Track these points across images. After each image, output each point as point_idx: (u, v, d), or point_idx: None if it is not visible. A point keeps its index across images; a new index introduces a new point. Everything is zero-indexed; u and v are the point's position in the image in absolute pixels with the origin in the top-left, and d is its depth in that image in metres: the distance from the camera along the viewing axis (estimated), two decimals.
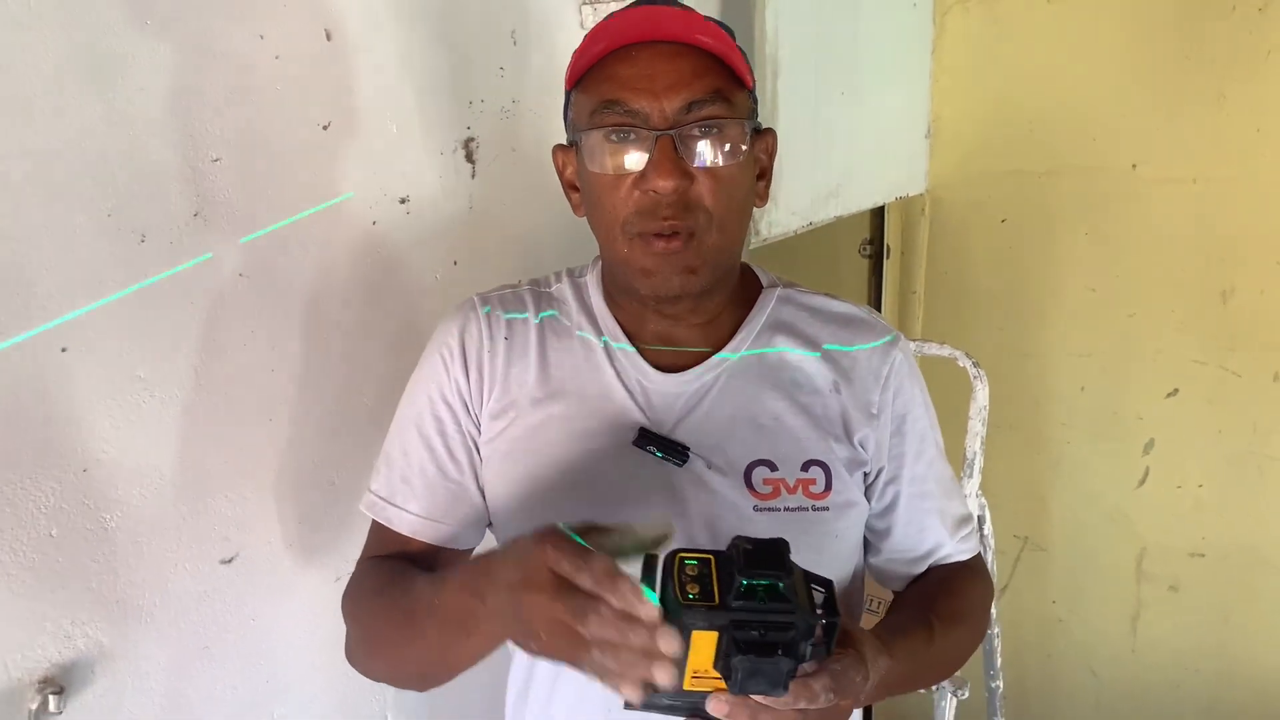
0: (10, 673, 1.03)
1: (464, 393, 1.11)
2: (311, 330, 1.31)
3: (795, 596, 0.75)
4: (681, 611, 0.74)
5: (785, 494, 1.07)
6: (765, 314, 1.14)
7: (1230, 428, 2.76)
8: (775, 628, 0.74)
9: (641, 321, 1.11)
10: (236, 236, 1.19)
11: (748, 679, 0.75)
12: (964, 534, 1.18)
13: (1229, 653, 2.87)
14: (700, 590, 0.75)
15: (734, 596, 0.74)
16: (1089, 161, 2.78)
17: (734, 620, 0.74)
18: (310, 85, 1.25)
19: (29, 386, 1.02)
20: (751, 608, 0.74)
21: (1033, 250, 2.90)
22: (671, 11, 1.00)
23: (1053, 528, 3.03)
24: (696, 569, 0.77)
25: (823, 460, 1.09)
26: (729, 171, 1.00)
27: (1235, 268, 2.68)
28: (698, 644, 0.74)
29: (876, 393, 1.11)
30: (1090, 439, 2.93)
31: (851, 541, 1.14)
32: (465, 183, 1.49)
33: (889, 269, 3.09)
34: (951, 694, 1.80)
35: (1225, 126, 2.62)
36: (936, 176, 3.00)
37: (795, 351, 1.12)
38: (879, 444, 1.12)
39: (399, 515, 1.11)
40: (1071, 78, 2.76)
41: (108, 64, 1.04)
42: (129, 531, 1.13)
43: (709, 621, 0.74)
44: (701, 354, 1.11)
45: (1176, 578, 2.91)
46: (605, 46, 0.99)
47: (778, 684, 0.75)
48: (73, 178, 1.03)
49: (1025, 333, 2.95)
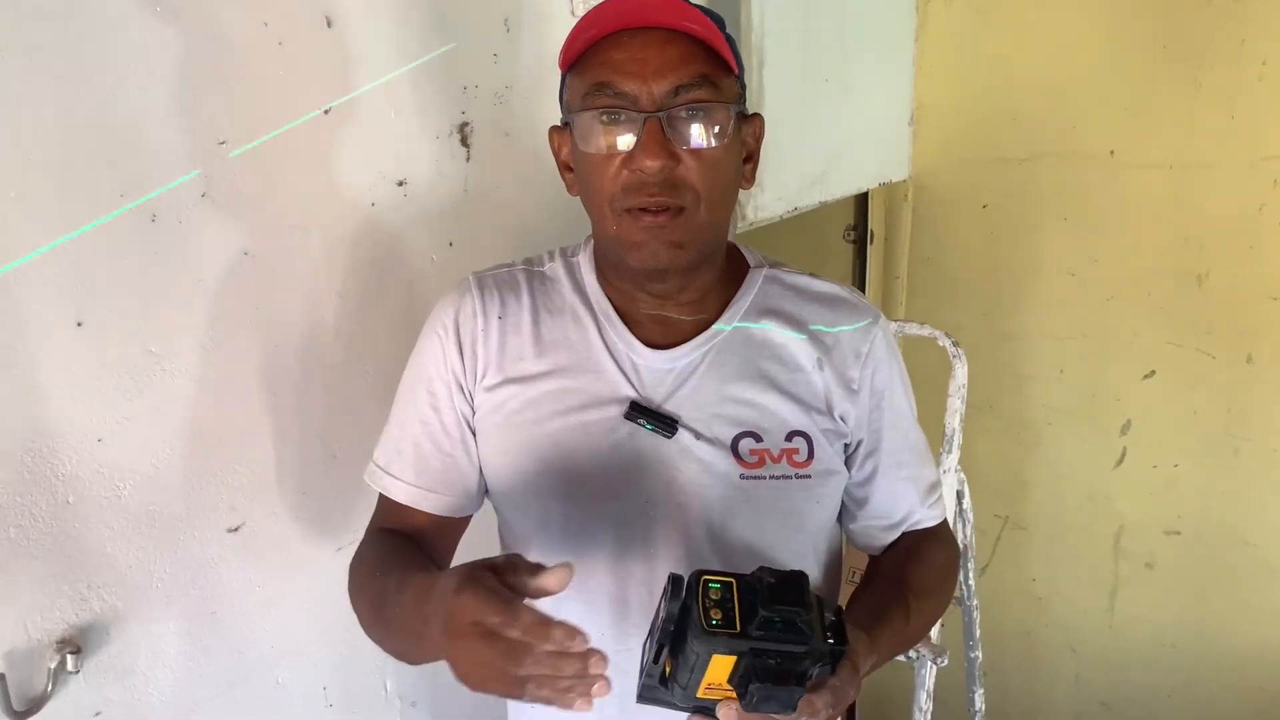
0: (30, 633, 1.08)
1: (457, 370, 1.16)
2: (314, 308, 1.35)
3: (811, 630, 0.82)
4: (706, 638, 0.80)
5: (770, 463, 1.12)
6: (752, 293, 1.19)
7: (1206, 409, 2.83)
8: (791, 658, 0.81)
9: (632, 299, 1.16)
10: (243, 216, 1.24)
11: (762, 702, 0.82)
12: (934, 500, 1.25)
13: (1205, 628, 2.94)
14: (723, 616, 0.82)
15: (755, 627, 0.81)
16: (1068, 148, 2.84)
17: (754, 649, 0.81)
18: (312, 70, 1.30)
19: (47, 360, 1.06)
20: (771, 638, 0.81)
21: (1013, 235, 2.96)
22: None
23: (1032, 507, 3.10)
24: (719, 593, 0.84)
25: (805, 431, 1.14)
26: (714, 153, 1.05)
27: (1210, 252, 2.74)
28: (716, 664, 0.82)
29: (857, 369, 1.17)
30: (1069, 420, 2.99)
31: (831, 506, 1.20)
32: (460, 166, 1.54)
33: (873, 254, 3.15)
34: (931, 662, 1.86)
35: (1201, 113, 2.68)
36: (919, 163, 3.06)
37: (781, 329, 1.17)
38: (858, 418, 1.18)
39: (394, 484, 1.17)
40: (1052, 66, 2.81)
41: (118, 51, 1.09)
42: (141, 499, 1.17)
43: (730, 648, 0.81)
44: (690, 331, 1.16)
45: (1153, 555, 2.97)
46: (598, 31, 1.03)
47: (789, 707, 0.82)
48: (84, 161, 1.07)
49: (1006, 316, 3.01)
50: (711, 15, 1.08)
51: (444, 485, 1.16)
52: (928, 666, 1.87)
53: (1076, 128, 2.82)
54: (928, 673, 1.88)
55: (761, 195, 2.28)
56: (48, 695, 1.09)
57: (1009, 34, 2.85)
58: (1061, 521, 3.07)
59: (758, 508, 1.12)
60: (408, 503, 1.15)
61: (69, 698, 1.12)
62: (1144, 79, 2.72)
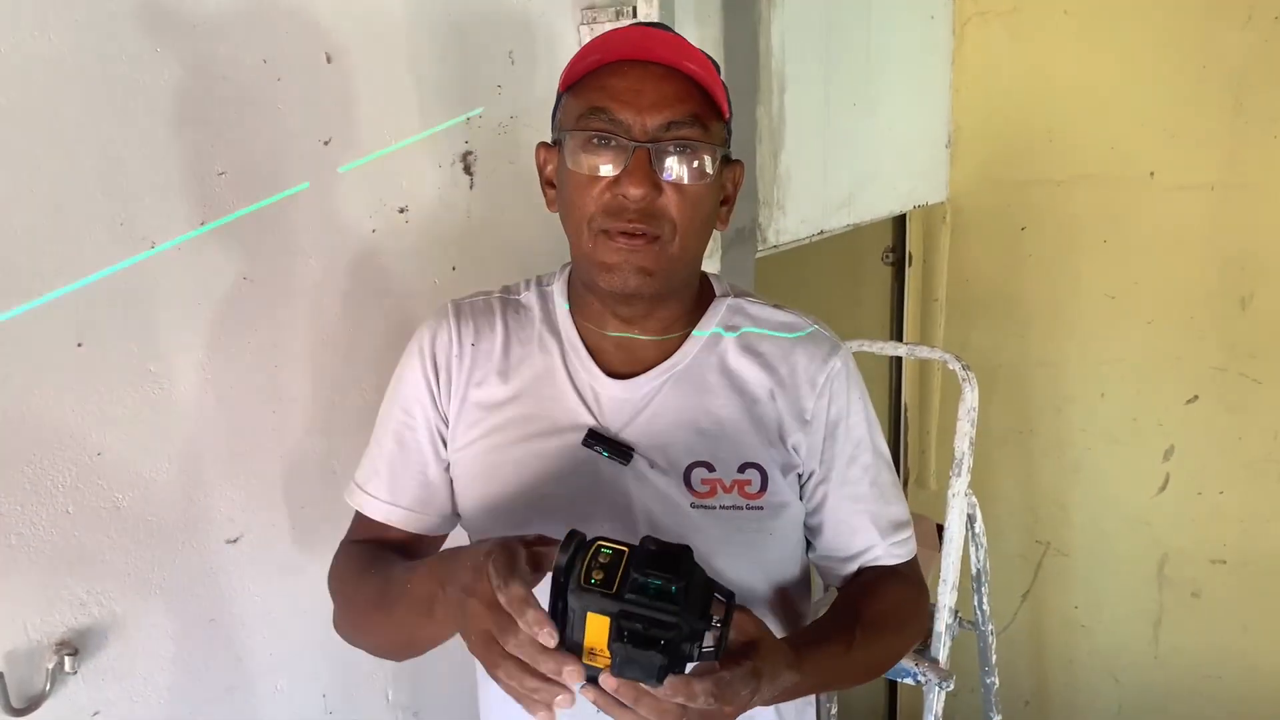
0: (30, 635, 1.15)
1: (433, 392, 1.20)
2: (314, 329, 1.42)
3: (685, 601, 0.83)
4: (580, 594, 0.83)
5: (721, 493, 1.14)
6: (714, 323, 1.20)
7: (1250, 434, 2.77)
8: (658, 625, 0.82)
9: (601, 322, 1.18)
10: (240, 244, 1.31)
11: (623, 665, 0.82)
12: (899, 539, 1.22)
13: (1250, 659, 2.87)
14: (604, 578, 0.83)
15: (629, 590, 0.82)
16: (1107, 170, 2.82)
17: (623, 610, 0.82)
18: (311, 104, 1.36)
19: (48, 378, 1.14)
20: (641, 603, 0.82)
21: (1052, 258, 2.94)
22: (665, 36, 1.09)
23: (1074, 533, 3.05)
24: (609, 559, 0.85)
25: (758, 463, 1.15)
26: (695, 190, 1.08)
27: (1254, 274, 2.69)
28: (592, 625, 0.83)
29: (811, 400, 1.17)
30: (1110, 445, 2.95)
31: (789, 541, 1.20)
32: (464, 194, 1.59)
33: (911, 276, 3.14)
34: (938, 687, 1.85)
35: (1243, 133, 2.64)
36: (957, 185, 3.05)
37: (739, 359, 1.18)
38: (810, 448, 1.18)
39: (369, 501, 1.21)
40: (1089, 87, 2.80)
41: (120, 87, 1.16)
42: (139, 511, 1.24)
43: (601, 607, 0.82)
44: (653, 360, 1.18)
45: (1198, 584, 2.91)
46: (601, 58, 1.07)
47: (650, 675, 0.82)
48: (86, 191, 1.15)
49: (1045, 339, 2.99)
50: (710, 60, 1.12)
51: (419, 504, 1.21)
52: (935, 691, 1.86)
53: (1115, 149, 2.80)
54: (935, 698, 1.87)
55: (783, 218, 2.30)
56: (46, 694, 1.16)
57: (1046, 55, 2.84)
58: (1104, 548, 3.02)
59: (709, 536, 1.12)
60: (383, 520, 1.20)
61: (67, 697, 1.19)
62: (1184, 99, 2.69)
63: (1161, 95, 2.70)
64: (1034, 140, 2.91)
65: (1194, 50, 2.65)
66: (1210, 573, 2.88)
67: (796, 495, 1.18)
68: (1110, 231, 2.85)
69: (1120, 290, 2.86)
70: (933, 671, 1.87)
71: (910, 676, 1.89)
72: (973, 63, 2.96)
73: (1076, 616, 3.10)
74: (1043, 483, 3.06)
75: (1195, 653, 2.93)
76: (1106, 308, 2.88)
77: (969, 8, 2.93)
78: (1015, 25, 2.87)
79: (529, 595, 0.85)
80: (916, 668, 1.88)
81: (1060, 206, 2.90)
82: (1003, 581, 2.98)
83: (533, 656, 0.83)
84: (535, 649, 0.83)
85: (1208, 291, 2.74)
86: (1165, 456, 2.88)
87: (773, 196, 2.24)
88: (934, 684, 1.86)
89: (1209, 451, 2.82)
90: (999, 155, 2.97)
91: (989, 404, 2.52)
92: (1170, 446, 2.87)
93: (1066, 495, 3.04)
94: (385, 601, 1.08)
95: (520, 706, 0.88)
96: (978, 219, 3.04)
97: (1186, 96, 2.67)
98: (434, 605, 0.98)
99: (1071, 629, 3.11)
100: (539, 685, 0.84)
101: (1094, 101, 2.79)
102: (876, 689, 3.32)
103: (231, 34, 1.27)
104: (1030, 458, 3.06)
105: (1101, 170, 2.83)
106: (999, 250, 3.02)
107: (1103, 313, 2.89)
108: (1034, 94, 2.88)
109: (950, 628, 1.90)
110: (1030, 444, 3.05)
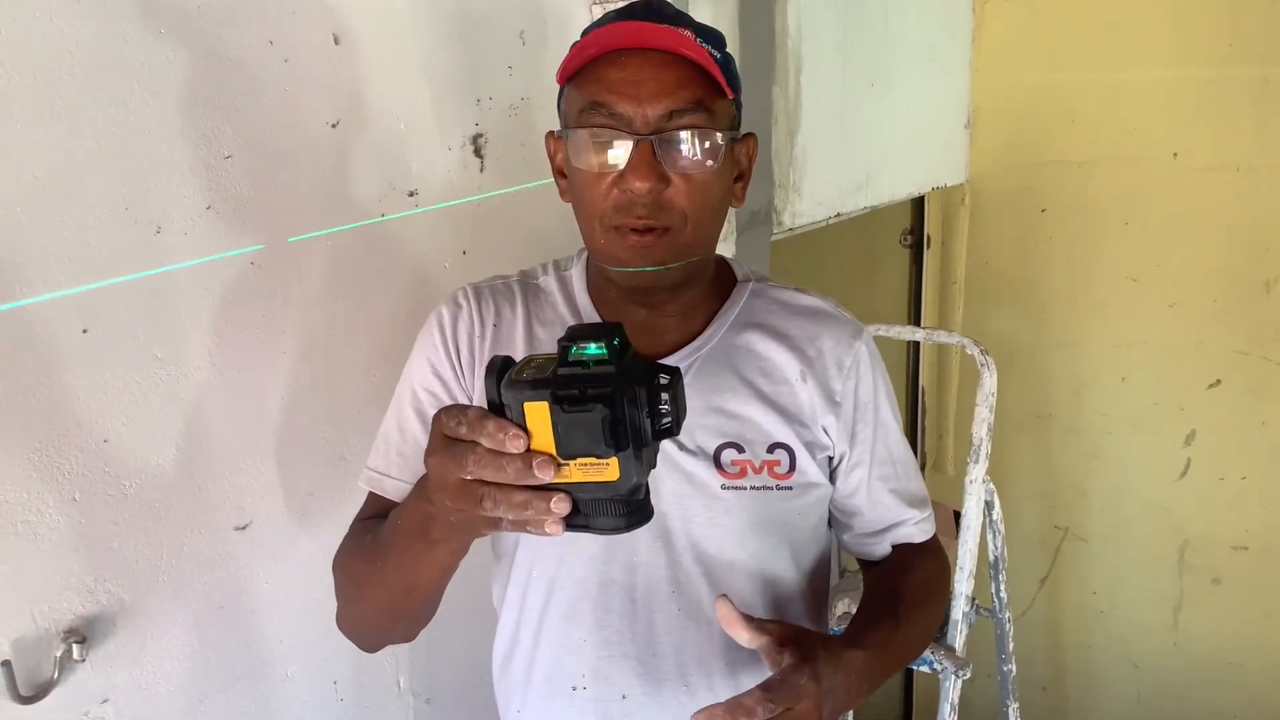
0: (38, 622, 1.15)
1: (456, 371, 1.18)
2: (322, 313, 1.40)
3: (620, 358, 0.77)
4: (512, 388, 0.77)
5: (751, 474, 1.14)
6: (738, 307, 1.20)
7: (1274, 419, 2.74)
8: (594, 381, 0.75)
9: (622, 310, 1.17)
10: (247, 228, 1.29)
11: (566, 434, 0.75)
12: (922, 516, 1.25)
13: (1272, 647, 2.84)
14: (535, 372, 0.78)
15: (560, 365, 0.77)
16: (1129, 151, 2.78)
17: (557, 383, 0.76)
18: (318, 86, 1.35)
19: (54, 364, 1.12)
20: (574, 373, 0.76)
21: (1073, 240, 2.91)
22: (660, 27, 1.05)
23: (1093, 519, 3.03)
24: (540, 364, 0.79)
25: (787, 443, 1.15)
26: (704, 176, 1.06)
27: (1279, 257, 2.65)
28: (533, 417, 0.76)
29: (839, 381, 1.18)
30: (1131, 430, 2.92)
31: (815, 520, 1.20)
32: (474, 176, 1.57)
33: (929, 259, 3.11)
34: (954, 675, 1.83)
35: (1269, 114, 2.59)
36: (976, 167, 3.01)
37: (765, 342, 1.18)
38: (841, 430, 1.18)
39: (395, 485, 1.18)
40: (1111, 67, 2.75)
41: (124, 70, 1.14)
42: (147, 498, 1.23)
43: (535, 393, 0.76)
44: (677, 343, 1.17)
45: (1219, 570, 2.88)
46: (598, 49, 1.05)
47: (597, 439, 0.75)
48: (91, 175, 1.13)
49: (1065, 322, 2.95)
50: (711, 34, 1.10)
51: None
52: (951, 679, 1.84)
53: (1137, 130, 2.76)
54: (951, 685, 1.85)
55: (799, 201, 2.28)
56: (54, 682, 1.15)
57: (1067, 35, 2.79)
58: (1123, 534, 2.99)
59: (738, 518, 1.13)
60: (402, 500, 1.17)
61: (76, 685, 1.18)
62: (1209, 79, 2.64)
63: (1186, 75, 2.66)
64: (1055, 121, 2.87)
65: (1220, 28, 2.60)
66: (1231, 559, 2.86)
67: (824, 476, 1.18)
68: (1132, 213, 2.81)
69: (1142, 273, 2.82)
70: (949, 659, 1.85)
71: (926, 664, 1.87)
72: (993, 43, 2.91)
73: (1095, 603, 3.08)
74: (1062, 467, 3.03)
75: (1216, 640, 2.91)
76: (1128, 290, 2.85)
77: None
78: (1036, 4, 2.83)
79: (484, 411, 0.80)
80: (933, 655, 1.86)
81: (1081, 188, 2.86)
82: (1020, 567, 2.96)
83: (498, 467, 0.77)
84: (498, 460, 0.77)
85: (1231, 274, 2.70)
86: (1186, 441, 2.85)
87: (788, 179, 2.22)
88: (950, 672, 1.84)
89: (1231, 436, 2.78)
90: (1019, 136, 2.93)
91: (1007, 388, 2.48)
92: (1191, 431, 2.84)
93: (1086, 480, 3.01)
94: (379, 551, 1.04)
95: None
96: (997, 201, 3.01)
97: (1211, 76, 2.63)
98: (428, 525, 0.92)
99: (1090, 615, 3.09)
100: (527, 496, 0.78)
101: (1116, 82, 2.75)
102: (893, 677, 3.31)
103: (237, 15, 1.25)
104: (1049, 442, 3.03)
105: (1123, 151, 2.79)
106: (1019, 232, 2.98)
107: (1124, 296, 2.85)
108: (1055, 74, 2.84)
109: (967, 615, 1.89)
110: (1049, 428, 3.02)
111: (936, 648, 1.88)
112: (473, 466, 0.78)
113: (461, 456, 0.79)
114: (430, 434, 0.84)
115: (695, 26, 1.09)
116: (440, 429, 0.82)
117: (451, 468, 0.80)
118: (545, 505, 0.78)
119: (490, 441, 0.77)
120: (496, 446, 0.77)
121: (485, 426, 0.78)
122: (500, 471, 0.77)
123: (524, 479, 0.77)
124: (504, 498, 0.78)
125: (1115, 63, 2.74)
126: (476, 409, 0.80)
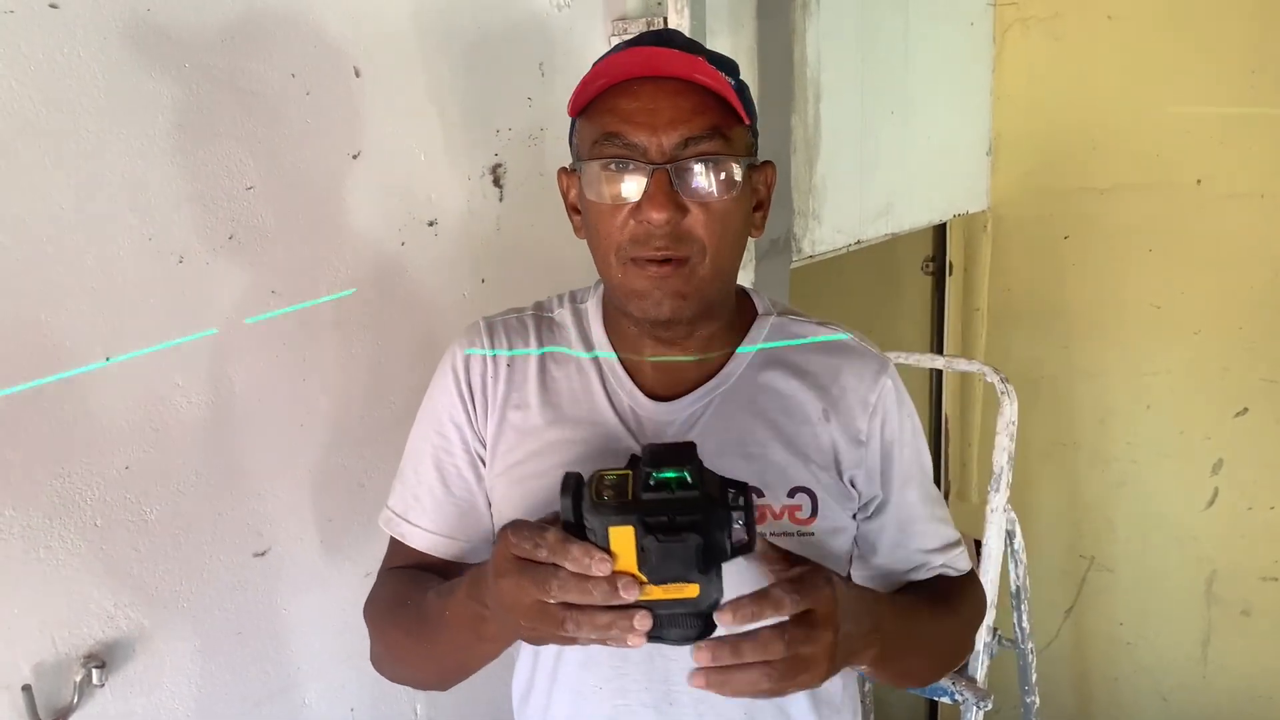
0: (58, 647, 1.16)
1: (470, 414, 1.16)
2: (342, 342, 1.42)
3: (702, 482, 0.79)
4: (597, 511, 0.79)
5: (771, 519, 1.10)
6: (759, 341, 1.16)
7: None
8: (683, 508, 0.78)
9: (639, 344, 1.15)
10: (268, 258, 1.31)
11: (660, 563, 0.78)
12: (954, 554, 1.20)
13: None
14: (616, 494, 0.80)
15: (644, 490, 0.79)
16: (1152, 177, 2.76)
17: (644, 509, 0.78)
18: (339, 118, 1.37)
19: (76, 391, 1.14)
20: (660, 498, 0.78)
21: (1096, 267, 2.89)
22: (672, 53, 1.03)
23: (1119, 549, 2.99)
24: (615, 480, 0.82)
25: (809, 487, 1.11)
26: (723, 205, 1.04)
27: None
28: (617, 540, 0.78)
29: (864, 420, 1.13)
30: (1156, 458, 2.89)
31: (838, 564, 1.15)
32: (493, 206, 1.59)
33: (952, 286, 3.10)
34: (976, 706, 1.81)
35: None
36: (999, 194, 3.01)
37: (786, 379, 1.14)
38: (869, 471, 1.14)
39: (411, 531, 1.17)
40: (1134, 93, 2.74)
41: (148, 104, 1.17)
42: (167, 524, 1.25)
43: (621, 516, 0.78)
44: (695, 380, 1.14)
45: (1248, 602, 2.84)
46: (609, 80, 1.03)
47: (691, 566, 0.77)
48: (114, 206, 1.15)
49: (1089, 350, 2.93)
50: (725, 61, 1.08)
51: (461, 531, 1.16)
52: (973, 710, 1.83)
53: (1160, 156, 2.74)
54: (973, 716, 1.83)
55: (819, 228, 2.28)
56: (74, 707, 1.17)
57: (1089, 61, 2.79)
58: (1150, 564, 2.95)
59: (758, 565, 1.08)
60: (427, 550, 1.16)
61: (96, 710, 1.19)
62: (1231, 105, 2.63)
63: (1209, 101, 2.64)
64: (1077, 148, 2.86)
65: (1243, 55, 2.59)
66: (1261, 590, 2.81)
67: (847, 518, 1.14)
68: (1156, 240, 2.79)
69: (1166, 300, 2.80)
70: (970, 690, 1.83)
71: (948, 695, 1.86)
72: (1014, 70, 2.91)
73: (1121, 634, 3.03)
74: (1086, 496, 3.00)
75: (1245, 672, 2.86)
76: (1152, 318, 2.83)
77: (1010, 14, 2.88)
78: (1057, 31, 2.82)
79: (566, 535, 0.81)
80: (954, 686, 1.84)
81: (1104, 215, 2.84)
82: (1045, 597, 2.93)
83: (582, 590, 0.79)
84: (582, 583, 0.79)
85: (1257, 301, 2.67)
86: (1214, 470, 2.82)
87: (808, 206, 2.22)
88: (971, 703, 1.82)
89: (1259, 465, 2.74)
90: (1041, 163, 2.92)
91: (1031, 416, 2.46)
92: (1219, 460, 2.81)
93: (1111, 509, 2.98)
94: (428, 632, 1.05)
95: None
96: (1020, 228, 2.99)
97: (1235, 102, 2.61)
98: (480, 623, 0.94)
99: (1116, 647, 3.04)
100: (611, 617, 0.79)
101: (1138, 108, 2.74)
102: (916, 708, 3.27)
103: (260, 49, 1.27)
104: (1074, 471, 3.00)
105: (1146, 178, 2.77)
106: (1041, 259, 2.97)
107: (1148, 323, 2.83)
108: (1077, 101, 2.83)
109: (989, 646, 1.87)
110: (1074, 457, 3.00)
111: (958, 678, 1.87)
112: (557, 591, 0.80)
113: (544, 581, 0.80)
114: (496, 554, 0.86)
115: (708, 54, 1.07)
116: (510, 550, 0.83)
117: (531, 590, 0.82)
118: (629, 624, 0.79)
119: (576, 566, 0.79)
120: (582, 570, 0.79)
121: (570, 551, 0.79)
122: (586, 595, 0.79)
123: (609, 600, 0.79)
124: (587, 620, 0.80)
125: (1137, 89, 2.73)
126: (555, 532, 0.82)
